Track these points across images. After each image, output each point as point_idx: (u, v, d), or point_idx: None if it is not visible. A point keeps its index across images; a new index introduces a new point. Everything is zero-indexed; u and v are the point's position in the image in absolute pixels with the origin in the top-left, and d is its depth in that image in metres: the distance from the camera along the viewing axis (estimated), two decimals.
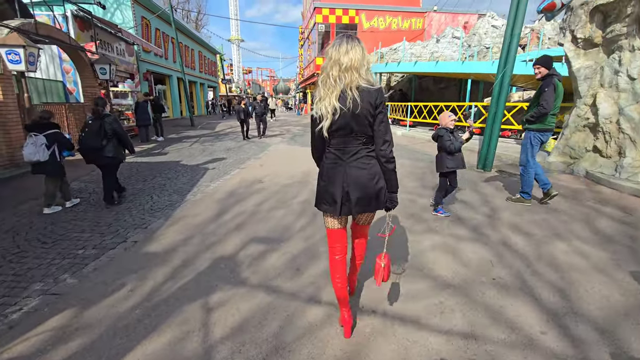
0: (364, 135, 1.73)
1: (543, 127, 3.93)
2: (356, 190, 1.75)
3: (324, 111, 1.67)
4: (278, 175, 6.17)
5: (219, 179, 6.12)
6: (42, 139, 4.12)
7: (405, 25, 23.35)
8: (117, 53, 13.64)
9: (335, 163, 1.79)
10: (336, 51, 1.66)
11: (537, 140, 4.01)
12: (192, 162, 7.81)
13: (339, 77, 1.65)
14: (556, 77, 3.78)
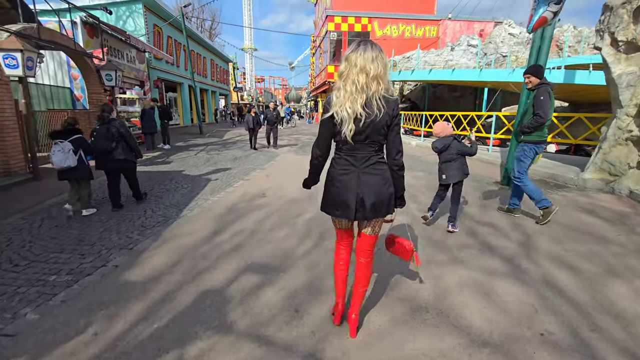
0: (377, 143, 1.77)
1: (539, 139, 3.77)
2: (371, 195, 1.78)
3: (346, 115, 1.66)
4: (283, 189, 5.73)
5: (221, 191, 5.72)
6: (68, 145, 4.21)
7: (419, 33, 22.95)
8: (128, 60, 13.57)
9: (347, 169, 1.80)
10: (362, 57, 1.65)
11: (532, 152, 3.82)
12: (195, 172, 7.46)
13: (366, 84, 1.65)
14: (548, 85, 3.65)
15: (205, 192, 5.71)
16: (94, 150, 4.48)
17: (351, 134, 1.69)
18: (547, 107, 3.55)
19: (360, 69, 1.65)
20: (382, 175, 1.80)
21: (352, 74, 1.67)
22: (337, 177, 1.84)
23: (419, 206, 4.51)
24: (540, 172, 6.21)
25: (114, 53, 12.32)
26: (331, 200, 1.88)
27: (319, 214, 4.27)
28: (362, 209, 1.80)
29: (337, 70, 1.80)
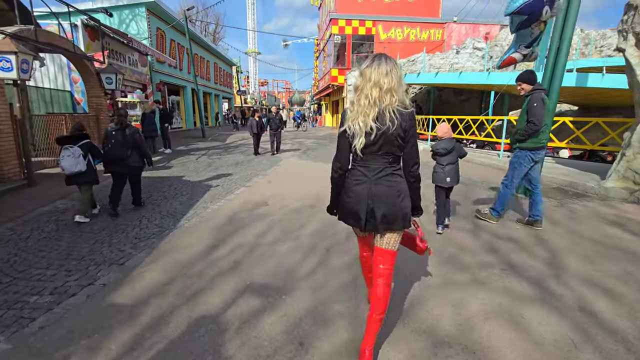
0: (392, 155, 1.76)
1: (535, 146, 3.68)
2: (381, 206, 1.77)
3: (357, 129, 1.69)
4: (286, 197, 5.47)
5: (221, 199, 5.47)
6: (78, 150, 4.26)
7: (424, 36, 22.71)
8: (130, 63, 13.46)
9: (360, 180, 1.81)
10: (376, 72, 1.68)
11: (528, 159, 3.75)
12: (195, 177, 7.22)
13: (379, 98, 1.68)
14: (542, 91, 3.60)
15: (205, 199, 5.46)
16: (107, 156, 4.55)
17: (361, 147, 1.71)
18: (540, 114, 3.47)
19: (374, 83, 1.68)
20: (395, 187, 1.78)
21: (366, 88, 1.70)
22: (351, 188, 1.84)
23: (430, 217, 4.23)
24: (558, 179, 5.91)
25: (115, 56, 12.19)
26: (345, 210, 1.90)
27: (324, 226, 4.02)
28: (373, 219, 1.79)
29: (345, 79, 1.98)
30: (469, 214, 4.44)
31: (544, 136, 3.71)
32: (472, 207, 4.78)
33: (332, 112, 30.33)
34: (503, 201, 3.94)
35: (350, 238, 3.62)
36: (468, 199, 5.22)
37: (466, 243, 3.52)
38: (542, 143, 3.71)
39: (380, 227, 1.79)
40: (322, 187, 5.92)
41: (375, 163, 1.77)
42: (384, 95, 1.68)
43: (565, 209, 4.55)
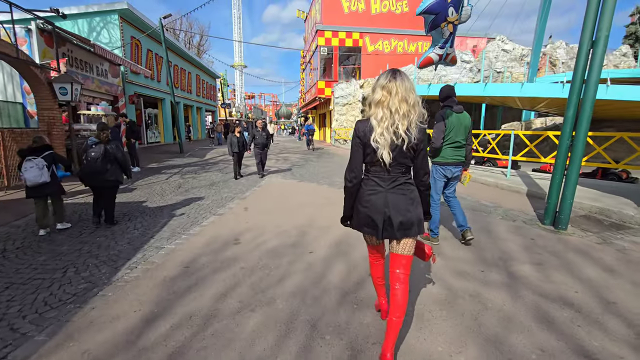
0: (404, 166, 1.85)
1: (444, 161, 3.71)
2: (398, 214, 1.82)
3: (384, 142, 1.75)
4: (263, 230, 4.45)
5: (183, 233, 4.41)
6: (42, 161, 4.26)
7: (411, 48, 22.35)
8: (98, 73, 12.35)
9: (375, 190, 1.87)
10: (402, 87, 1.74)
11: (439, 174, 3.79)
12: (158, 203, 6.13)
13: (407, 112, 1.74)
14: (450, 107, 3.59)
15: (162, 235, 4.39)
16: (85, 169, 4.54)
17: (390, 160, 1.77)
18: (438, 132, 3.56)
19: (402, 98, 1.74)
20: (409, 195, 1.86)
21: (394, 102, 1.74)
22: (365, 197, 1.89)
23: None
24: (585, 205, 5.07)
25: (80, 65, 11.09)
26: (360, 220, 1.94)
27: (308, 280, 2.97)
28: (390, 227, 1.85)
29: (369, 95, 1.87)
30: (497, 259, 3.51)
31: (456, 152, 3.66)
32: (499, 244, 3.87)
33: (319, 125, 29.58)
34: (433, 219, 3.81)
35: (343, 304, 2.62)
36: (489, 231, 4.31)
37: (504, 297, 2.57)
38: (452, 159, 3.67)
39: (397, 235, 1.85)
40: (308, 217, 4.93)
41: (390, 173, 1.84)
42: (412, 109, 1.75)
43: (612, 248, 3.66)
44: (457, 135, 3.60)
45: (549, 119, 15.79)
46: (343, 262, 3.38)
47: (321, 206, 5.60)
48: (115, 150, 4.66)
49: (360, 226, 1.95)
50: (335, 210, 3.30)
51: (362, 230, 1.96)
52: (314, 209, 5.40)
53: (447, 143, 3.63)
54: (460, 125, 3.61)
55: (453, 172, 3.74)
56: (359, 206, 1.92)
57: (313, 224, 4.66)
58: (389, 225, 1.83)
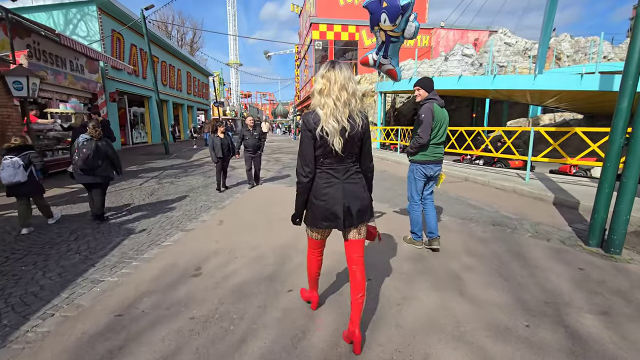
0: (354, 155, 1.92)
1: (425, 159, 3.47)
2: (356, 203, 1.91)
3: (332, 131, 1.76)
4: (234, 255, 3.55)
5: (133, 259, 3.50)
6: (19, 161, 4.22)
7: (410, 42, 21.44)
8: (73, 69, 11.36)
9: (330, 182, 1.90)
10: (341, 75, 1.79)
11: (419, 173, 3.54)
12: (120, 215, 5.21)
13: (348, 100, 1.79)
14: (435, 101, 3.37)
15: (107, 261, 3.47)
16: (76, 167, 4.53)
17: (341, 146, 1.79)
18: (426, 126, 3.31)
19: (341, 86, 1.77)
20: (361, 183, 1.95)
21: (334, 90, 1.77)
22: (322, 191, 1.90)
23: None
24: (634, 217, 4.12)
25: (49, 59, 10.10)
26: (318, 214, 1.93)
27: (284, 339, 2.11)
28: (350, 217, 1.91)
29: (313, 87, 1.86)
30: (542, 303, 2.61)
31: (437, 149, 3.44)
32: (539, 278, 2.98)
33: None
34: (415, 222, 3.66)
35: None
36: (522, 257, 3.42)
37: None
38: (433, 157, 3.44)
39: (356, 222, 1.93)
40: (293, 234, 4.03)
41: (343, 164, 1.89)
42: (351, 97, 1.80)
43: None
44: (440, 130, 3.40)
45: (557, 114, 14.92)
46: (334, 308, 2.48)
47: None
48: (106, 146, 4.67)
49: (317, 221, 1.95)
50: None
51: (319, 226, 1.96)
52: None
53: (432, 137, 3.38)
54: (444, 120, 3.42)
55: (434, 171, 3.52)
56: (315, 201, 1.93)
57: (298, 244, 3.76)
58: (349, 214, 1.89)
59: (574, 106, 11.99)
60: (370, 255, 3.42)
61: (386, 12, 3.64)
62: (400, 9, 3.51)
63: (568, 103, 11.09)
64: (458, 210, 5.07)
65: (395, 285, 2.81)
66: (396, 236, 4.03)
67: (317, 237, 2.09)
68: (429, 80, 3.51)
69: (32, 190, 4.46)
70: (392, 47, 3.94)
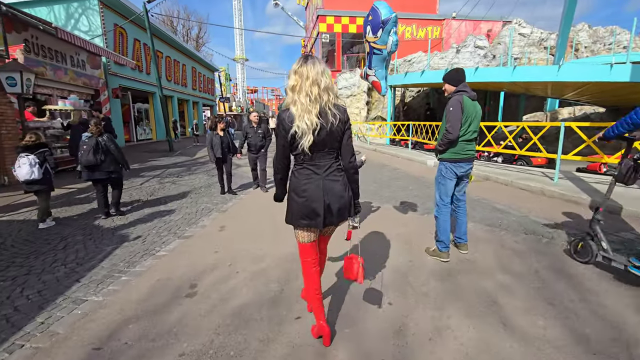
0: (335, 151, 1.87)
1: (455, 157, 3.12)
2: (336, 201, 1.86)
3: (305, 128, 1.71)
4: (234, 269, 3.16)
5: (122, 273, 3.15)
6: (34, 158, 4.36)
7: (420, 34, 20.75)
8: (74, 64, 11.07)
9: (311, 178, 1.84)
10: (312, 70, 1.73)
11: (450, 172, 3.17)
12: (116, 218, 4.87)
13: (319, 95, 1.73)
14: (465, 93, 3.06)
15: (95, 275, 3.12)
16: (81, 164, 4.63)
17: (309, 145, 1.73)
18: (455, 121, 2.98)
19: (313, 81, 1.71)
20: (342, 180, 1.89)
21: (305, 86, 1.72)
22: (302, 187, 1.85)
23: None
24: None
25: (48, 54, 9.80)
26: (298, 212, 1.88)
27: None
28: (330, 215, 1.86)
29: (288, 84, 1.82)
30: (609, 341, 2.16)
31: (468, 147, 3.14)
32: (594, 305, 2.52)
33: None
34: (442, 229, 3.23)
35: None
36: (565, 276, 2.96)
37: None
38: (464, 154, 3.14)
39: (336, 221, 1.90)
40: None
41: (323, 160, 1.84)
42: (322, 92, 1.73)
43: None
44: (472, 126, 3.09)
45: (577, 108, 14.22)
46: (352, 342, 2.07)
47: None
48: (107, 142, 4.69)
49: (297, 219, 1.89)
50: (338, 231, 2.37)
51: (299, 224, 1.90)
52: None
53: (462, 134, 3.08)
54: (476, 115, 3.11)
55: (466, 169, 3.21)
56: (295, 197, 1.89)
57: None
58: (329, 212, 1.85)
59: (596, 99, 11.33)
60: (389, 272, 3.00)
61: (370, 24, 3.75)
62: (381, 23, 3.59)
63: (590, 95, 10.44)
64: (483, 215, 4.59)
65: (422, 311, 2.39)
66: (416, 245, 3.59)
67: (304, 239, 1.96)
68: (457, 72, 3.20)
69: (43, 189, 4.58)
70: (376, 59, 3.97)
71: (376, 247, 3.55)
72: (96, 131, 4.66)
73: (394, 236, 3.85)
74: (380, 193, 6.07)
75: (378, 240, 3.76)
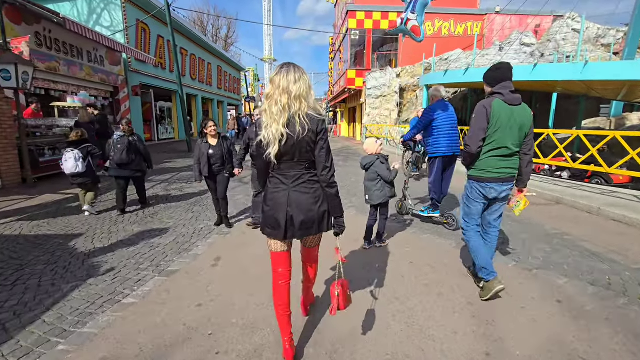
0: (307, 161, 1.80)
1: (482, 175, 2.58)
2: (300, 214, 1.79)
3: (271, 137, 1.69)
4: (217, 349, 2.12)
5: (62, 339, 2.21)
6: (79, 153, 4.74)
7: (459, 30, 19.08)
8: (91, 60, 10.62)
9: (278, 188, 1.82)
10: (285, 79, 1.70)
11: (476, 193, 2.65)
12: (94, 240, 4.01)
13: (288, 104, 1.70)
14: (500, 96, 2.50)
15: (24, 339, 2.19)
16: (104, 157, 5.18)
17: (275, 154, 1.71)
18: (475, 132, 2.51)
19: (283, 90, 1.69)
20: (313, 194, 1.81)
21: (276, 94, 1.70)
22: (269, 196, 1.85)
23: None
24: None
25: (62, 49, 9.32)
26: (264, 219, 1.88)
27: None
28: (292, 227, 1.81)
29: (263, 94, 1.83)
30: None
31: (502, 163, 2.52)
32: None
33: (348, 120, 26.97)
34: (477, 252, 2.62)
35: None
36: None
37: None
38: (496, 173, 2.53)
39: (298, 234, 1.83)
40: (320, 292, 2.53)
41: (292, 171, 1.79)
42: (293, 101, 1.69)
43: None
44: (505, 138, 2.49)
45: None
46: None
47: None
48: (137, 141, 4.97)
49: (264, 227, 1.89)
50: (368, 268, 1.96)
51: (265, 232, 1.89)
52: (326, 263, 3.04)
53: (490, 149, 2.54)
54: (514, 123, 2.48)
55: (499, 192, 2.60)
56: (264, 205, 1.88)
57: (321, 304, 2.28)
58: (291, 224, 1.80)
59: None
60: (422, 312, 1.86)
61: None
62: None
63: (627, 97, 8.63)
64: (576, 263, 3.28)
65: None
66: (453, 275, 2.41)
67: (272, 247, 1.90)
68: (496, 70, 2.59)
69: (91, 179, 4.97)
70: (420, 5, 4.04)
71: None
72: (128, 130, 4.94)
73: (417, 255, 2.67)
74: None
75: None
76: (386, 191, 3.49)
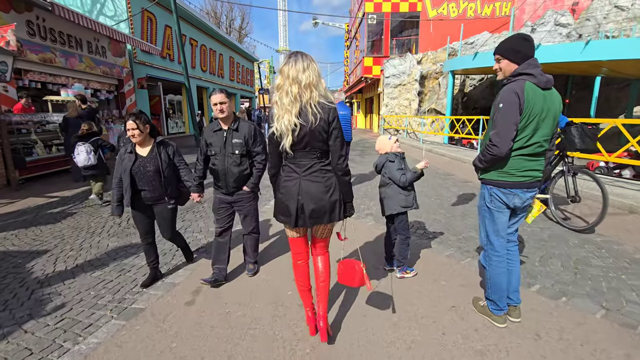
0: (319, 150, 1.78)
1: (507, 180, 2.03)
2: (310, 202, 1.79)
3: (284, 129, 1.69)
4: None
5: None
6: (90, 146, 4.87)
7: (486, 11, 17.51)
8: (91, 51, 10.05)
9: (290, 176, 1.83)
10: (293, 68, 1.68)
11: (497, 202, 2.09)
12: (66, 258, 3.33)
13: (299, 94, 1.69)
14: (531, 77, 1.89)
15: None
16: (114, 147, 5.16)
17: (289, 144, 1.71)
18: (506, 126, 1.90)
19: (293, 80, 1.68)
20: (324, 182, 1.81)
21: (286, 85, 1.69)
22: (282, 184, 1.87)
23: None
24: None
25: (59, 39, 8.74)
26: (277, 207, 1.91)
27: None
28: (303, 215, 1.82)
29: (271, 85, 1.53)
30: None
31: (529, 163, 1.99)
32: None
33: (364, 111, 25.82)
34: (494, 283, 2.14)
35: None
36: None
37: None
38: (522, 176, 2.00)
39: (308, 222, 1.84)
40: None
41: (304, 159, 1.79)
42: (304, 90, 1.68)
43: None
44: (540, 131, 1.94)
45: None
46: None
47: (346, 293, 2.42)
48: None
49: (277, 214, 1.92)
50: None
51: (278, 219, 1.92)
52: (334, 304, 2.24)
53: (518, 146, 1.96)
54: (548, 112, 1.92)
55: (523, 200, 2.06)
56: (277, 193, 1.91)
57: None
58: (302, 212, 1.81)
59: None
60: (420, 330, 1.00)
61: None
62: None
63: None
64: None
65: None
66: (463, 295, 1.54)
67: (292, 234, 1.97)
68: (520, 42, 1.95)
69: (102, 171, 5.13)
70: None
71: None
72: None
73: (437, 271, 1.80)
74: (455, 227, 3.97)
75: None
76: (399, 199, 2.69)
